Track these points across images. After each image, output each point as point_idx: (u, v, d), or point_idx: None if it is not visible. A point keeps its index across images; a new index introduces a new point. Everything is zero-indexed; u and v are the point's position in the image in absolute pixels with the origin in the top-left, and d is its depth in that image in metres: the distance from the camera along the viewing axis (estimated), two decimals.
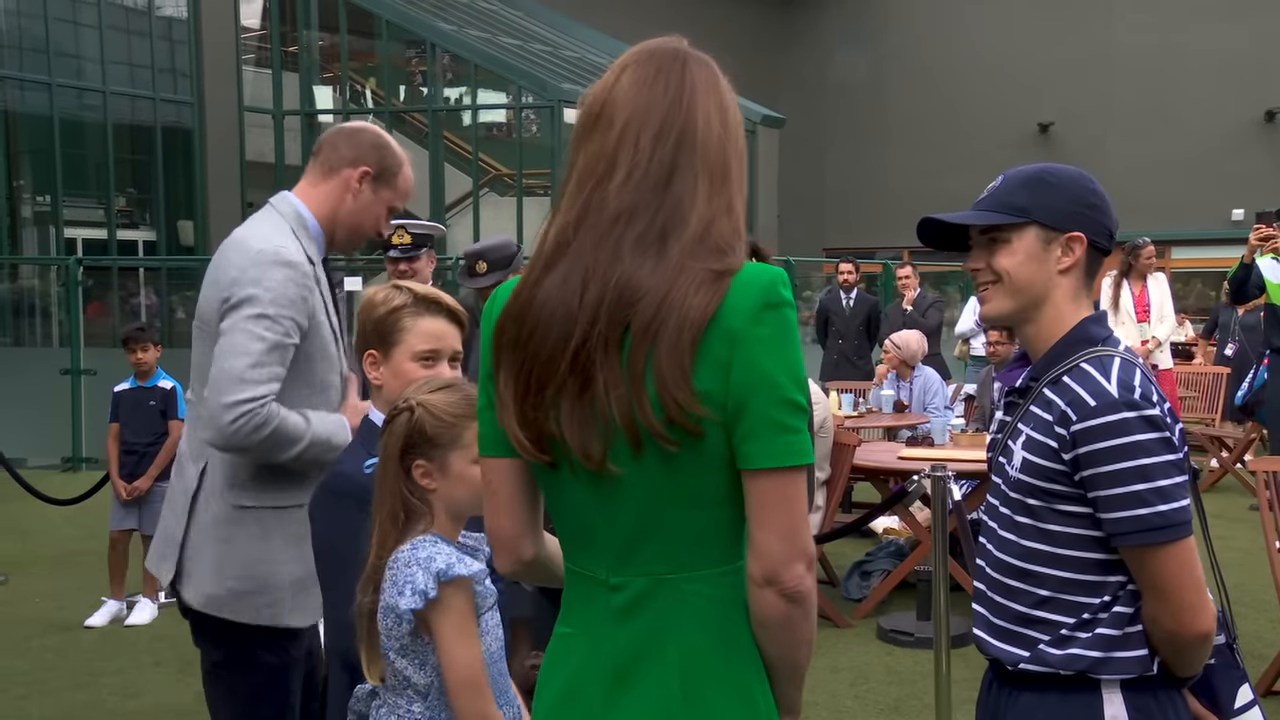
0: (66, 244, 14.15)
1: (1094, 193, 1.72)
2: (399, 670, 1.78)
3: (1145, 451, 1.56)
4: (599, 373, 1.28)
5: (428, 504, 1.81)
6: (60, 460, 9.68)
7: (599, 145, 1.34)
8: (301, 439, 2.25)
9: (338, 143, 2.41)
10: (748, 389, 1.26)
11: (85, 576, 6.04)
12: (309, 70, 15.65)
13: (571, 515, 1.38)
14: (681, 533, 1.31)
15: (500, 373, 1.35)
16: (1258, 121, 17.28)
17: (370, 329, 2.09)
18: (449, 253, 11.33)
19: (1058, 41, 18.18)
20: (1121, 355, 1.64)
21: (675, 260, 1.28)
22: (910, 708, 4.17)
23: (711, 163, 1.34)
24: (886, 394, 7.28)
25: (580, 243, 1.32)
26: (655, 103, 1.34)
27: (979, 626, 1.74)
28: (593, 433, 1.29)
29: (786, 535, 1.28)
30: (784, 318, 1.29)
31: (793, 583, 1.28)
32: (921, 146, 18.57)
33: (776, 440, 1.27)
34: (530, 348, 1.32)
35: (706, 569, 1.32)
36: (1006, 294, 1.72)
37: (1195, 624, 1.58)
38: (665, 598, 1.33)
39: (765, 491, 1.28)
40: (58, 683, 4.55)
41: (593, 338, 1.28)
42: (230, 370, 2.20)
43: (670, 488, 1.30)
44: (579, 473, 1.33)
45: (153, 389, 5.64)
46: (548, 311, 1.31)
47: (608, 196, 1.32)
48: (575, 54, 16.01)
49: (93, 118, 14.75)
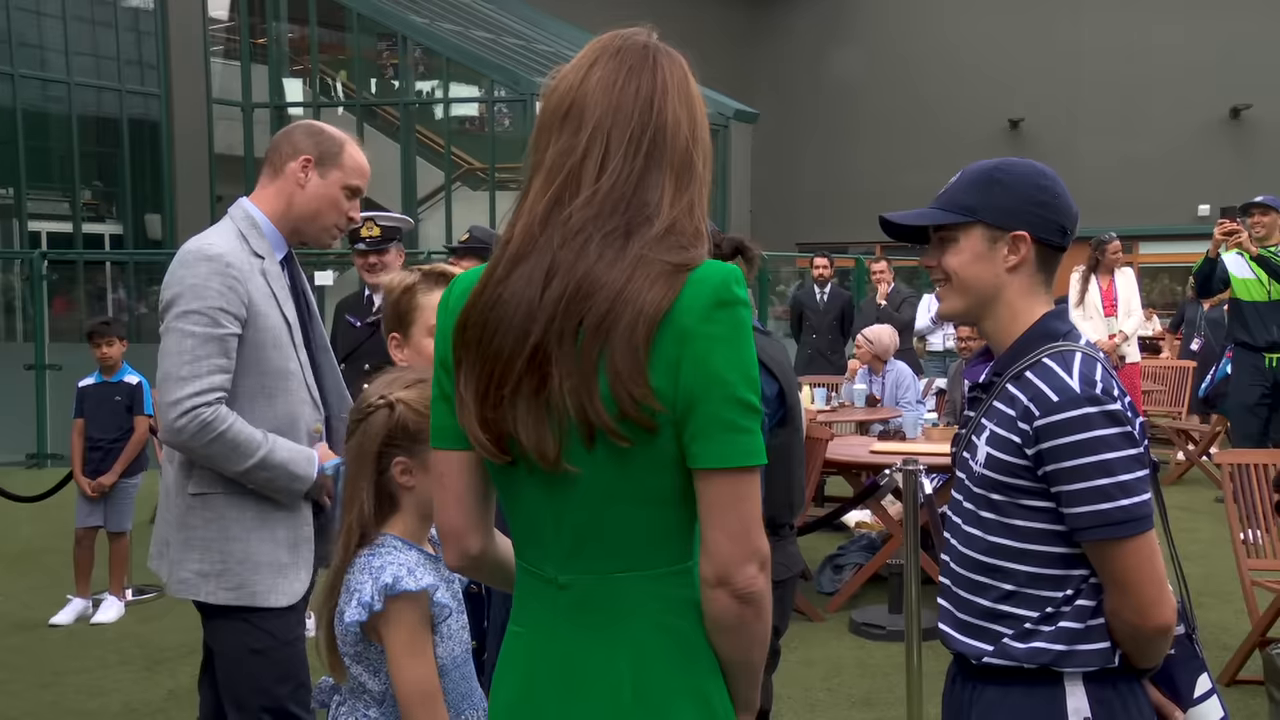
0: (31, 238, 13.96)
1: (1044, 189, 1.71)
2: (354, 676, 1.77)
3: (1107, 446, 1.57)
4: (555, 369, 1.27)
5: (397, 504, 1.79)
6: (25, 457, 9.56)
7: (568, 142, 1.33)
8: (252, 455, 2.30)
9: (278, 143, 2.51)
10: (698, 388, 1.25)
11: (49, 575, 5.96)
12: (278, 63, 15.50)
13: (524, 513, 1.37)
14: (632, 531, 1.30)
15: (460, 371, 1.34)
16: (1224, 119, 17.51)
17: (390, 313, 2.18)
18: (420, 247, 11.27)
19: (1028, 39, 18.33)
20: (1083, 350, 1.65)
21: (633, 255, 1.27)
22: (882, 700, 4.19)
23: (678, 163, 1.33)
24: (859, 388, 7.31)
25: (546, 240, 1.30)
26: (626, 103, 1.33)
27: (944, 621, 1.75)
28: (547, 431, 1.28)
29: (738, 535, 1.27)
30: (736, 316, 1.27)
31: (744, 584, 1.27)
32: (894, 142, 18.67)
33: (727, 440, 1.26)
34: (491, 347, 1.31)
35: (657, 568, 1.31)
36: (956, 293, 1.73)
37: (1156, 617, 1.59)
38: (614, 596, 1.32)
39: (716, 492, 1.27)
40: (21, 683, 4.48)
41: (550, 334, 1.27)
42: (167, 371, 2.30)
43: (622, 486, 1.29)
44: (534, 471, 1.32)
45: (118, 384, 5.55)
46: (509, 310, 1.30)
47: (577, 197, 1.31)
48: (548, 48, 15.96)
49: (57, 109, 14.56)
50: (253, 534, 2.36)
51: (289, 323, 2.42)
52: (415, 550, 1.78)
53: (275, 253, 2.46)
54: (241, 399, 2.34)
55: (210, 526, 2.36)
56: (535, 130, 1.38)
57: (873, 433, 6.99)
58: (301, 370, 2.44)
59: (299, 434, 2.41)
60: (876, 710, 4.11)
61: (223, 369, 2.30)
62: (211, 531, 2.36)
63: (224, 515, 2.36)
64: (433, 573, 1.76)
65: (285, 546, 2.38)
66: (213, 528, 2.36)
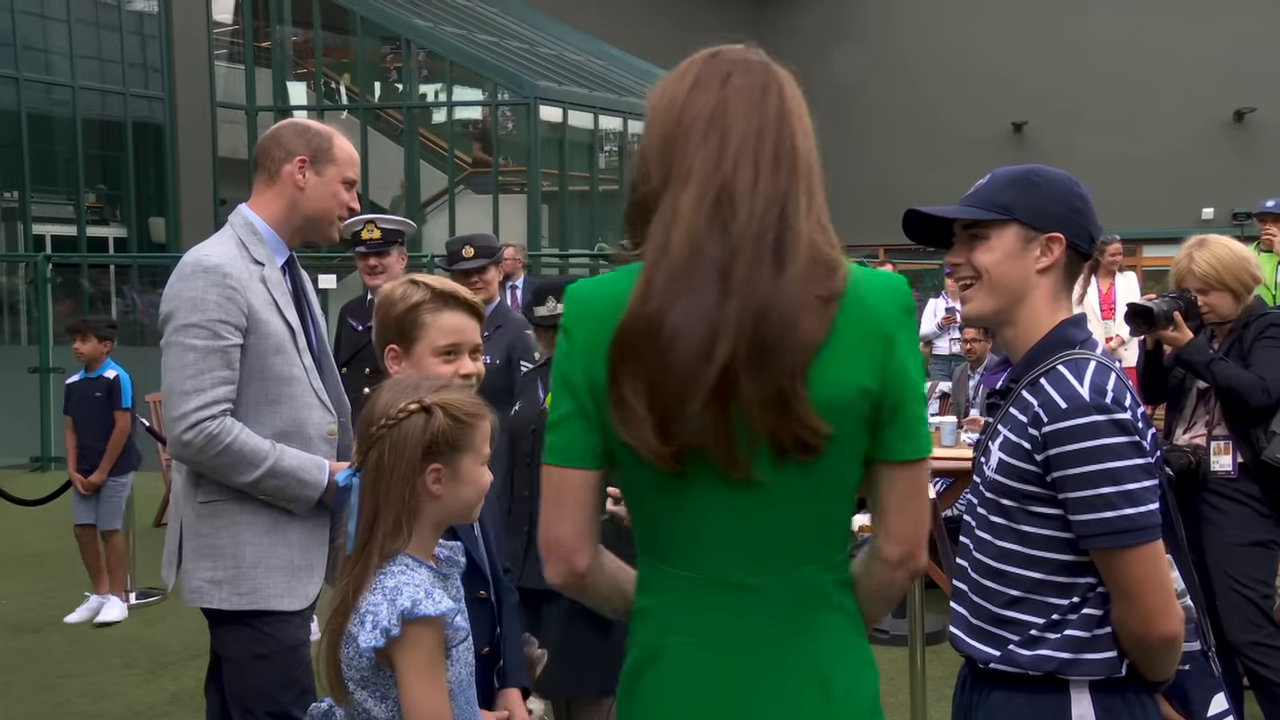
0: (35, 241, 13.98)
1: (1079, 196, 1.73)
2: (359, 702, 1.67)
3: (1114, 455, 1.56)
4: (744, 387, 1.29)
5: (416, 516, 1.68)
6: (29, 460, 9.56)
7: (715, 154, 1.34)
8: (260, 464, 2.29)
9: (268, 148, 2.50)
10: (904, 388, 1.35)
11: (53, 577, 5.97)
12: (282, 66, 15.51)
13: (696, 522, 1.36)
14: (813, 527, 1.37)
15: (624, 385, 1.32)
16: (1227, 122, 17.50)
17: (391, 325, 2.09)
18: (423, 250, 11.28)
19: (1032, 40, 18.32)
20: (1097, 358, 1.65)
21: (796, 281, 1.31)
22: (885, 705, 4.15)
23: (810, 178, 1.38)
24: None
25: (713, 253, 1.31)
26: (767, 117, 1.37)
27: (956, 625, 1.75)
28: (736, 442, 1.31)
29: (921, 522, 1.39)
30: (913, 321, 1.40)
31: (922, 563, 1.41)
32: (897, 143, 18.66)
33: (920, 434, 1.38)
34: (670, 360, 1.29)
35: (834, 557, 1.40)
36: (986, 292, 1.72)
37: (1161, 627, 1.59)
38: (801, 591, 1.37)
39: (907, 481, 1.38)
40: (25, 685, 4.49)
41: (737, 349, 1.29)
42: (171, 387, 2.30)
43: (806, 486, 1.35)
44: (713, 480, 1.33)
45: (98, 379, 5.58)
46: (685, 323, 1.29)
47: (734, 210, 1.32)
48: (552, 51, 15.97)
49: (61, 113, 14.59)
50: (265, 538, 2.35)
51: (291, 328, 2.41)
52: (426, 569, 1.69)
53: (276, 258, 2.45)
54: (246, 406, 2.34)
55: (221, 534, 2.35)
56: (657, 139, 1.37)
57: None
58: (307, 375, 2.43)
59: (307, 439, 2.40)
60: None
61: (226, 380, 2.30)
62: (223, 539, 2.35)
63: (236, 521, 2.35)
64: (445, 593, 1.69)
65: (298, 549, 2.38)
66: (224, 535, 2.35)
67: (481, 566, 2.11)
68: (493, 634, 2.13)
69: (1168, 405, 3.62)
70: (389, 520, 1.66)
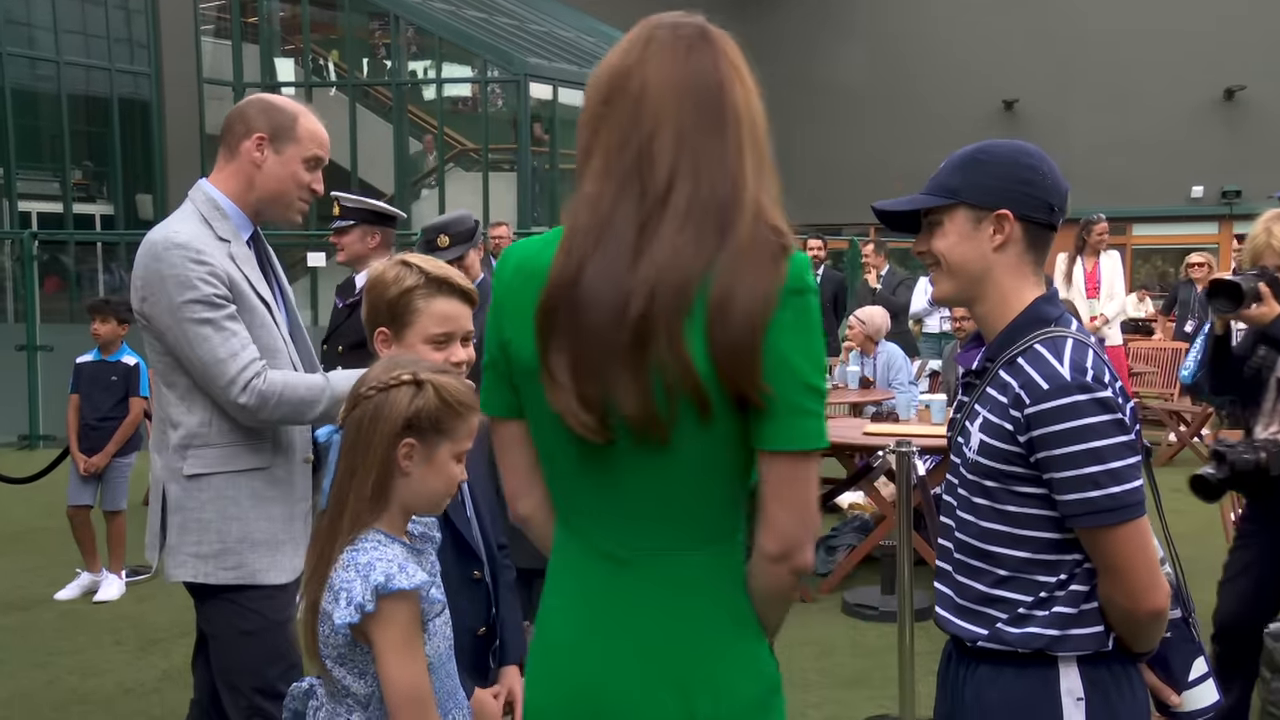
0: (21, 218, 13.86)
1: (1029, 168, 1.69)
2: (337, 679, 1.66)
3: (1097, 434, 1.57)
4: (657, 344, 1.27)
5: (386, 492, 1.67)
6: (17, 438, 9.53)
7: (630, 121, 1.32)
8: (321, 397, 2.34)
9: (231, 122, 2.46)
10: (770, 373, 1.27)
11: (43, 555, 5.96)
12: (270, 42, 15.39)
13: (589, 488, 1.37)
14: (701, 505, 1.34)
15: (552, 355, 1.32)
16: (1217, 100, 17.50)
17: (383, 308, 2.06)
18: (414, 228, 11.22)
19: (1022, 20, 18.27)
20: (1074, 336, 1.65)
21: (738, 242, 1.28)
22: (874, 680, 4.21)
23: (752, 139, 1.34)
24: (852, 370, 7.31)
25: (624, 214, 1.30)
26: (693, 80, 1.32)
27: (941, 605, 1.75)
28: (653, 403, 1.28)
29: (802, 515, 1.32)
30: (807, 303, 1.30)
31: (803, 561, 1.34)
32: (888, 123, 18.63)
33: (795, 424, 1.29)
34: (584, 328, 1.29)
35: (718, 542, 1.35)
36: (947, 276, 1.73)
37: (1149, 602, 1.60)
38: (677, 572, 1.34)
39: (783, 472, 1.31)
40: (15, 663, 4.49)
41: (653, 313, 1.26)
42: (206, 360, 2.28)
43: (708, 459, 1.31)
44: (622, 446, 1.31)
45: (115, 364, 5.56)
46: (598, 287, 1.29)
47: (651, 175, 1.30)
48: (542, 28, 15.87)
49: (46, 88, 14.44)
50: (249, 513, 2.36)
51: (265, 303, 2.40)
52: (399, 544, 1.69)
53: (241, 234, 2.43)
54: None
55: (207, 508, 2.35)
56: (587, 110, 1.37)
57: (866, 414, 7.00)
58: (287, 348, 2.43)
59: None
60: (868, 690, 4.13)
61: (248, 341, 2.31)
62: (209, 513, 2.35)
63: (221, 495, 2.35)
64: (419, 567, 1.68)
65: (281, 523, 2.39)
66: (210, 509, 2.35)
67: (475, 547, 2.11)
68: (488, 613, 2.13)
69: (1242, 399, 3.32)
70: (364, 485, 1.64)
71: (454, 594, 1.90)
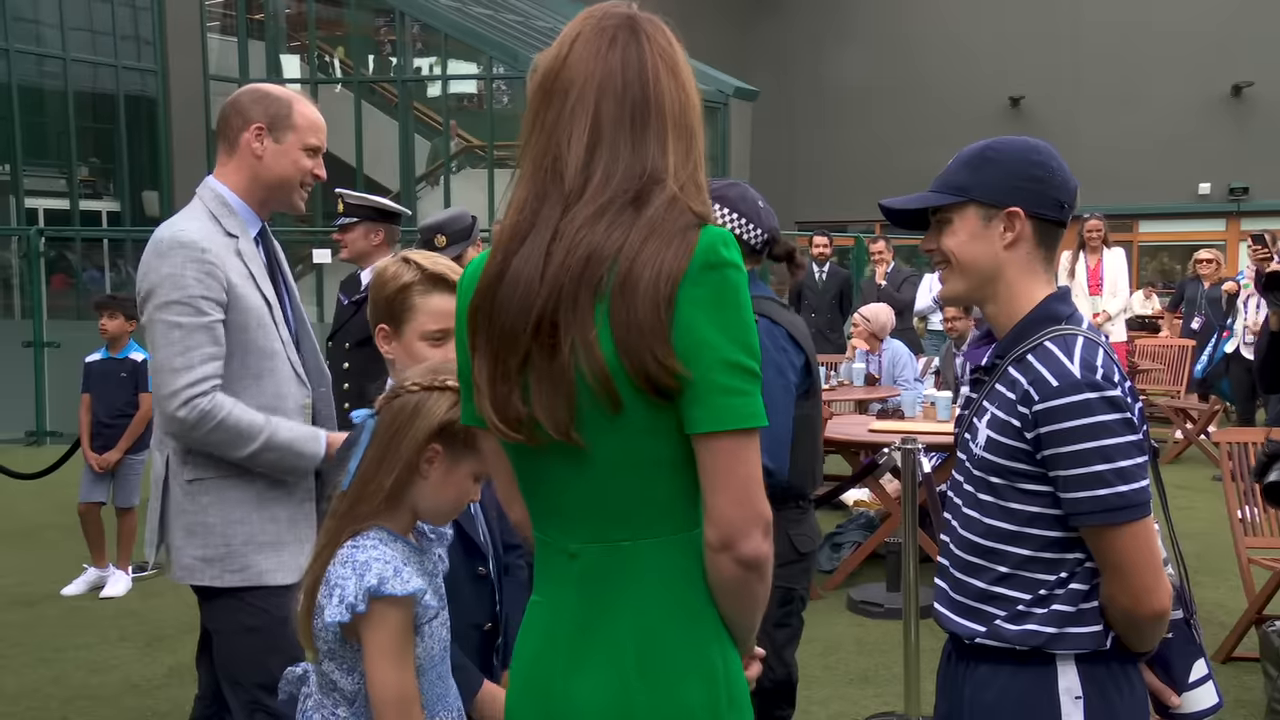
0: (28, 214, 13.88)
1: (1038, 165, 1.69)
2: (326, 673, 1.67)
3: (1107, 432, 1.56)
4: (564, 338, 1.26)
5: (401, 493, 1.67)
6: (24, 434, 9.56)
7: (555, 116, 1.33)
8: (255, 438, 2.29)
9: (227, 115, 2.45)
10: (687, 352, 1.24)
11: (50, 551, 5.98)
12: (275, 38, 15.39)
13: (538, 486, 1.38)
14: (639, 498, 1.31)
15: (475, 360, 1.35)
16: (1225, 97, 17.42)
17: (382, 305, 2.08)
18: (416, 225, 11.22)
19: (1029, 15, 18.21)
20: (1084, 334, 1.64)
21: (646, 219, 1.27)
22: (879, 678, 4.21)
23: (676, 126, 1.33)
24: (858, 367, 7.31)
25: (546, 216, 1.30)
26: (613, 70, 1.32)
27: (939, 601, 1.75)
28: (560, 402, 1.28)
29: (740, 500, 1.26)
30: (724, 278, 1.26)
31: (749, 550, 1.27)
32: (894, 120, 18.58)
33: (720, 404, 1.24)
34: (497, 327, 1.31)
35: (663, 535, 1.32)
36: (957, 275, 1.72)
37: (1151, 603, 1.60)
38: (622, 565, 1.33)
39: (714, 456, 1.26)
40: (23, 659, 4.50)
41: (559, 303, 1.26)
42: (160, 365, 2.29)
43: (631, 453, 1.29)
44: (546, 444, 1.32)
45: (123, 360, 5.57)
46: (511, 288, 1.30)
47: (567, 169, 1.30)
48: (548, 24, 15.85)
49: (53, 85, 14.45)
50: (253, 515, 2.36)
51: (269, 301, 2.40)
52: (401, 543, 1.69)
53: (249, 229, 2.42)
54: (229, 382, 2.33)
55: (209, 511, 2.35)
56: (526, 110, 1.38)
57: (871, 411, 6.99)
58: (285, 348, 2.42)
59: (287, 413, 2.40)
60: (874, 687, 4.13)
61: (213, 356, 2.29)
62: (212, 516, 2.35)
63: (224, 499, 2.35)
64: (418, 570, 1.68)
65: (285, 524, 2.39)
66: (212, 512, 2.35)
67: (479, 543, 2.11)
68: (493, 610, 2.13)
69: None
70: (386, 477, 1.65)
71: (459, 589, 1.91)
